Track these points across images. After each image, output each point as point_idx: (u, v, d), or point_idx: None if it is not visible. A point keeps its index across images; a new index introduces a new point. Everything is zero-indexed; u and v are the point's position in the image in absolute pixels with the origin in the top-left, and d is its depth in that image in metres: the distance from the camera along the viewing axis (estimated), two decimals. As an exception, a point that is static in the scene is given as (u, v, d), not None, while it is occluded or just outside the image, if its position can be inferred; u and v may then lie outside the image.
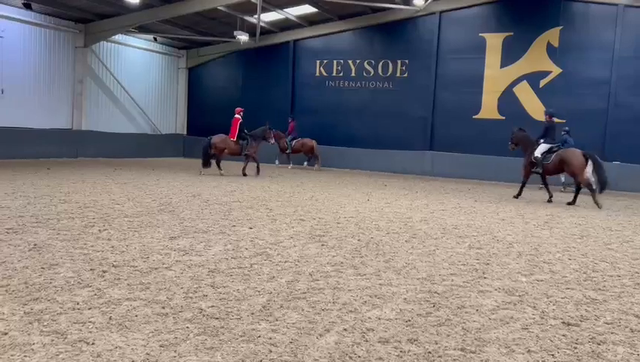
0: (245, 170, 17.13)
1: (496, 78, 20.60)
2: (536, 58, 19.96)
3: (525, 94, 20.18)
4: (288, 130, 21.99)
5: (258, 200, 11.21)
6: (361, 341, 3.76)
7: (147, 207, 9.47)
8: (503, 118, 20.19)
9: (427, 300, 4.77)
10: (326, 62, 23.67)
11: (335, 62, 23.49)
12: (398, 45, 22.30)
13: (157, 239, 6.79)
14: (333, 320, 4.15)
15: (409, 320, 4.22)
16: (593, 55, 19.23)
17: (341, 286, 5.07)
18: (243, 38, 22.32)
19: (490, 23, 20.74)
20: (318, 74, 23.88)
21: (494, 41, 20.57)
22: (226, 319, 4.05)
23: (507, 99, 20.42)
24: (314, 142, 21.83)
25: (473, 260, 6.49)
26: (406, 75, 22.24)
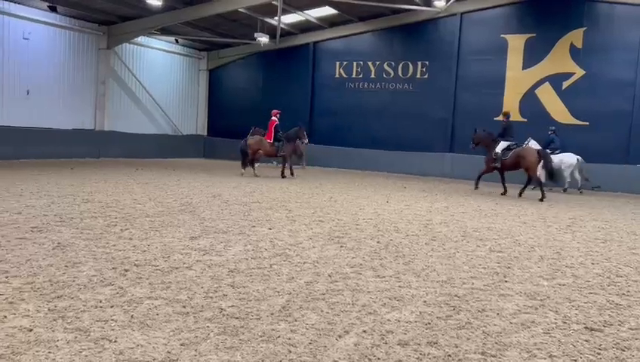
0: (284, 172, 17.24)
1: (518, 79, 20.38)
2: (559, 59, 19.68)
3: (548, 96, 19.92)
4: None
5: (277, 201, 11.25)
6: (381, 343, 3.75)
7: (168, 206, 9.57)
8: (525, 120, 19.94)
9: (447, 303, 4.74)
10: (346, 63, 23.66)
11: (355, 63, 23.47)
12: (419, 46, 22.20)
13: (178, 239, 6.86)
14: (353, 321, 4.15)
15: (429, 323, 4.20)
16: (618, 56, 18.90)
17: (360, 288, 5.07)
18: (263, 39, 22.44)
19: (512, 24, 20.54)
20: (337, 75, 23.88)
21: (516, 43, 20.36)
22: (245, 319, 4.07)
23: (529, 101, 20.19)
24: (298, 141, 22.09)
25: (494, 263, 6.43)
26: (426, 76, 22.13)
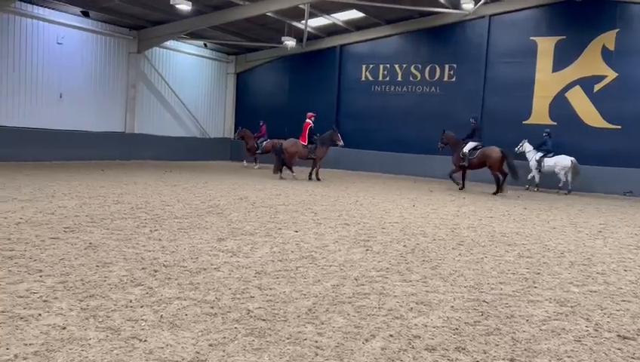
0: (318, 174, 17.30)
1: (547, 82, 20.06)
2: (590, 62, 19.31)
3: (578, 99, 19.56)
4: (261, 133, 22.56)
5: (303, 203, 11.29)
6: (408, 347, 3.74)
7: (196, 208, 9.68)
8: (555, 123, 19.63)
9: (475, 308, 4.69)
10: (372, 66, 23.63)
11: (381, 66, 23.42)
12: (446, 49, 22.03)
13: (205, 240, 6.94)
14: (379, 325, 4.14)
15: (457, 328, 4.16)
16: (652, 59, 18.48)
17: (387, 292, 5.05)
18: (290, 43, 22.58)
19: (542, 26, 20.25)
20: (363, 78, 23.86)
21: (546, 45, 20.05)
22: (272, 321, 4.10)
23: (559, 104, 19.85)
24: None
25: (523, 269, 6.34)
26: (454, 79, 21.96)
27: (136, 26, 21.82)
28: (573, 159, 17.59)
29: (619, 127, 18.74)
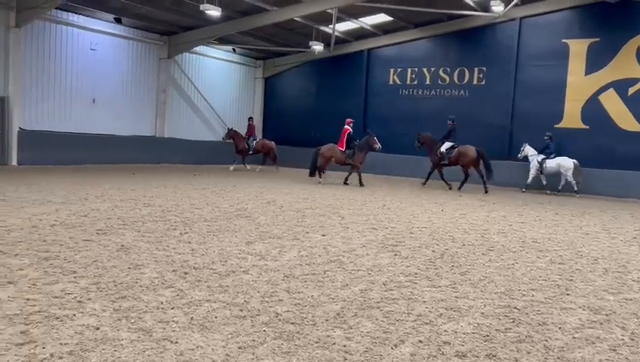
0: (361, 180, 17.29)
1: (579, 85, 19.65)
2: (624, 65, 18.85)
3: (612, 103, 19.11)
4: (249, 133, 22.48)
5: (330, 207, 11.29)
6: (437, 354, 3.70)
7: (225, 211, 9.78)
8: (587, 127, 19.23)
9: (506, 315, 4.62)
10: (400, 70, 23.51)
11: (409, 70, 23.29)
12: (476, 52, 21.79)
13: (234, 243, 7.00)
14: (408, 331, 4.11)
15: (487, 335, 4.10)
16: (688, 61, 17.96)
17: (415, 297, 5.01)
18: (318, 47, 22.65)
19: (574, 28, 19.85)
20: (391, 82, 23.76)
21: (578, 47, 19.66)
22: (301, 324, 4.11)
23: (592, 107, 19.41)
24: (273, 143, 22.52)
25: (555, 275, 6.22)
26: (483, 82, 21.69)
27: (166, 32, 22.19)
28: (575, 161, 17.75)
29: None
